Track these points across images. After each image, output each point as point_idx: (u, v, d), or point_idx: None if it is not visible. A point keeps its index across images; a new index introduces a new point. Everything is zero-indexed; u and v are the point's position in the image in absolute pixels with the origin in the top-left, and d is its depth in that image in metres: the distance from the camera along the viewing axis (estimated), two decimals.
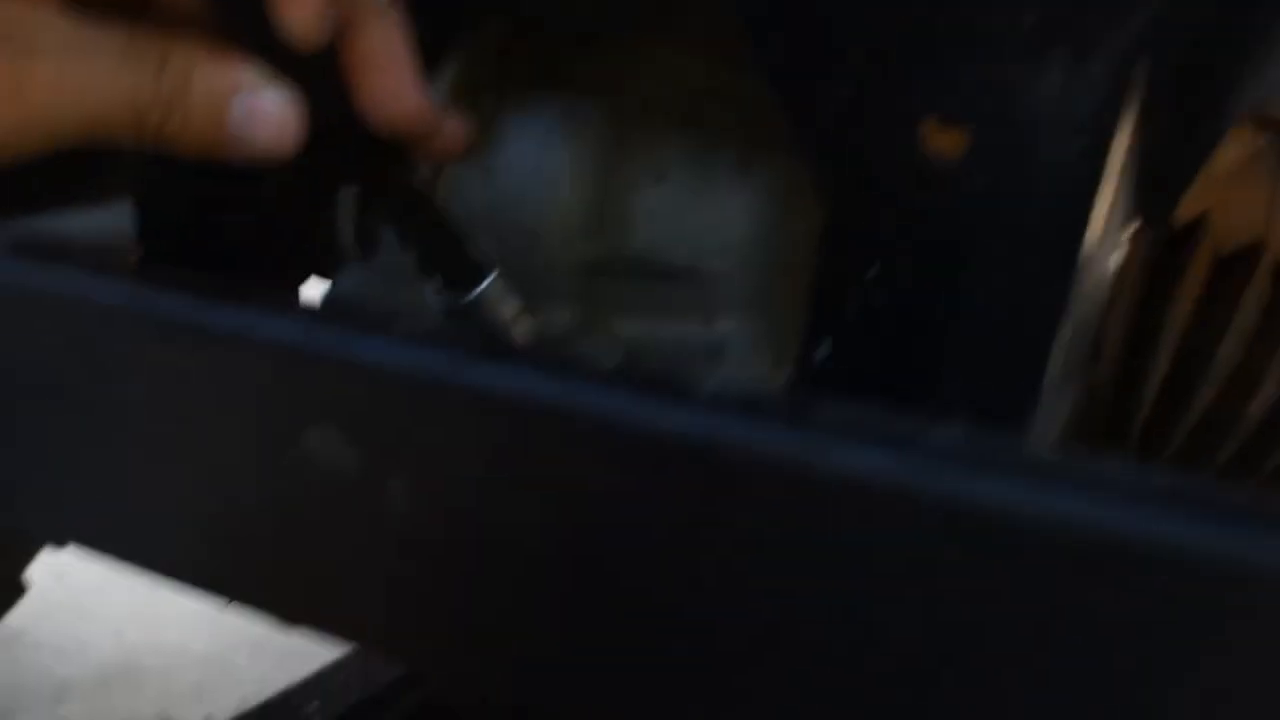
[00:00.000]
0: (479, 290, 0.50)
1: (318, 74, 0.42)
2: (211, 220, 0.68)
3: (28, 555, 1.35)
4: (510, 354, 0.35)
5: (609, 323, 0.61)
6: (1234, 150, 0.60)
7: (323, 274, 0.76)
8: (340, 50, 0.43)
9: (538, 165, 0.60)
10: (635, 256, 0.60)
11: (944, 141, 0.48)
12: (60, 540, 0.49)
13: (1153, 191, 0.49)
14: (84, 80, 0.37)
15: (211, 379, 0.39)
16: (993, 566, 0.28)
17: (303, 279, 0.74)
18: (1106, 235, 0.48)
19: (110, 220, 0.89)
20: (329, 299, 0.62)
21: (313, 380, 0.37)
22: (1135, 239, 0.51)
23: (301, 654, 1.00)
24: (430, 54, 0.62)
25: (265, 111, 0.40)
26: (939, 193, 0.47)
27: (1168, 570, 0.25)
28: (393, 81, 0.44)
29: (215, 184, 0.64)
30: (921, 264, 0.48)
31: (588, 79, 0.61)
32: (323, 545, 0.40)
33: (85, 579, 1.56)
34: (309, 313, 0.37)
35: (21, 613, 1.23)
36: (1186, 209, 0.60)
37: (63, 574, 1.41)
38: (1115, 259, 0.50)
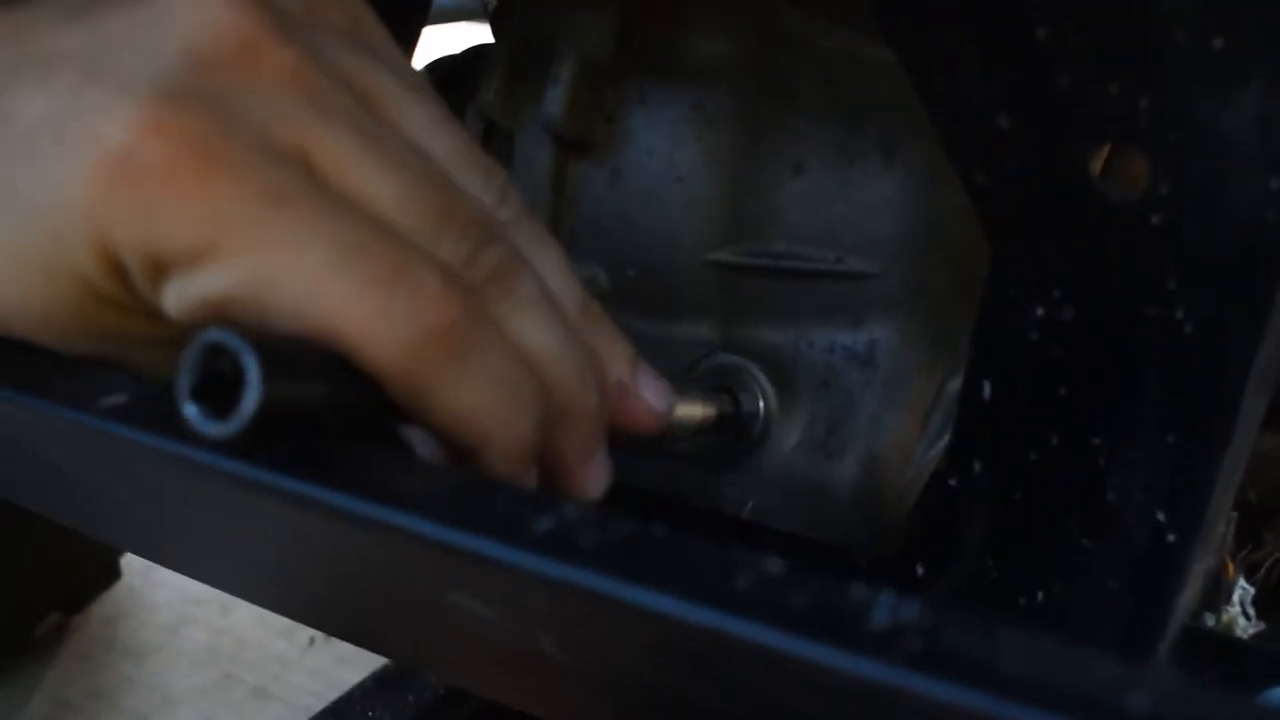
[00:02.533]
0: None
1: None
2: None
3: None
4: (664, 579, 0.33)
5: (753, 329, 0.58)
6: None
7: None
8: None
9: (668, 163, 0.56)
10: (776, 256, 0.56)
11: (1121, 173, 0.43)
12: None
13: None
14: None
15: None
16: None
17: None
18: None
19: None
20: None
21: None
22: None
23: None
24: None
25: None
26: (1116, 226, 0.42)
27: None
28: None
29: None
30: (1095, 305, 0.44)
31: (716, 61, 0.55)
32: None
33: None
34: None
35: None
36: None
37: None
38: None
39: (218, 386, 0.27)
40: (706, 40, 0.56)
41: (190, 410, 0.27)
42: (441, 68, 0.70)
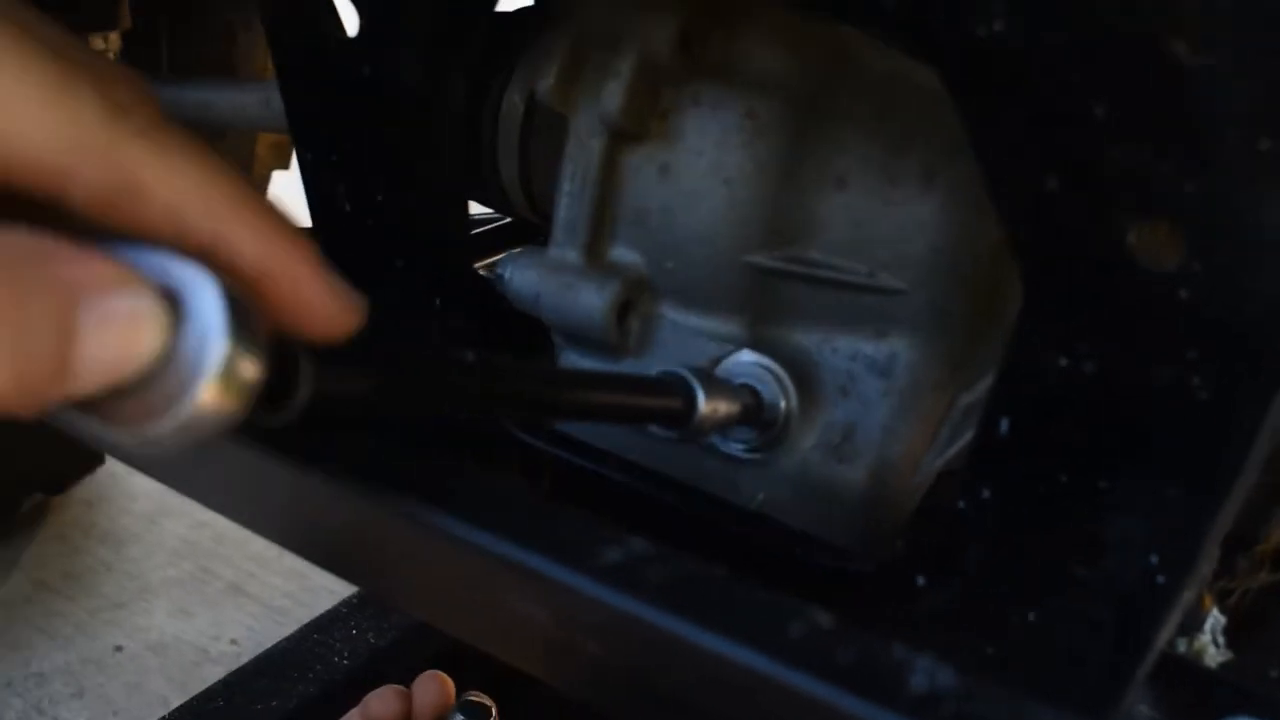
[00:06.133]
0: (696, 416, 0.51)
1: None
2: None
3: None
4: (721, 621, 0.36)
5: (782, 330, 0.61)
6: None
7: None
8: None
9: (716, 164, 0.58)
10: (811, 264, 0.58)
11: (1157, 247, 0.45)
12: None
13: None
14: None
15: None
16: None
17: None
18: None
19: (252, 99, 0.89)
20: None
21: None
22: None
23: None
24: None
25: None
26: (1146, 295, 0.45)
27: None
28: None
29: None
30: (1116, 363, 0.47)
31: (772, 72, 0.57)
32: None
33: None
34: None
35: None
36: None
37: None
38: None
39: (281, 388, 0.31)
40: (765, 51, 0.57)
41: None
42: (498, 26, 0.71)
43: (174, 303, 0.28)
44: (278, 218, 0.32)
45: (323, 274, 0.34)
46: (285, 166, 1.46)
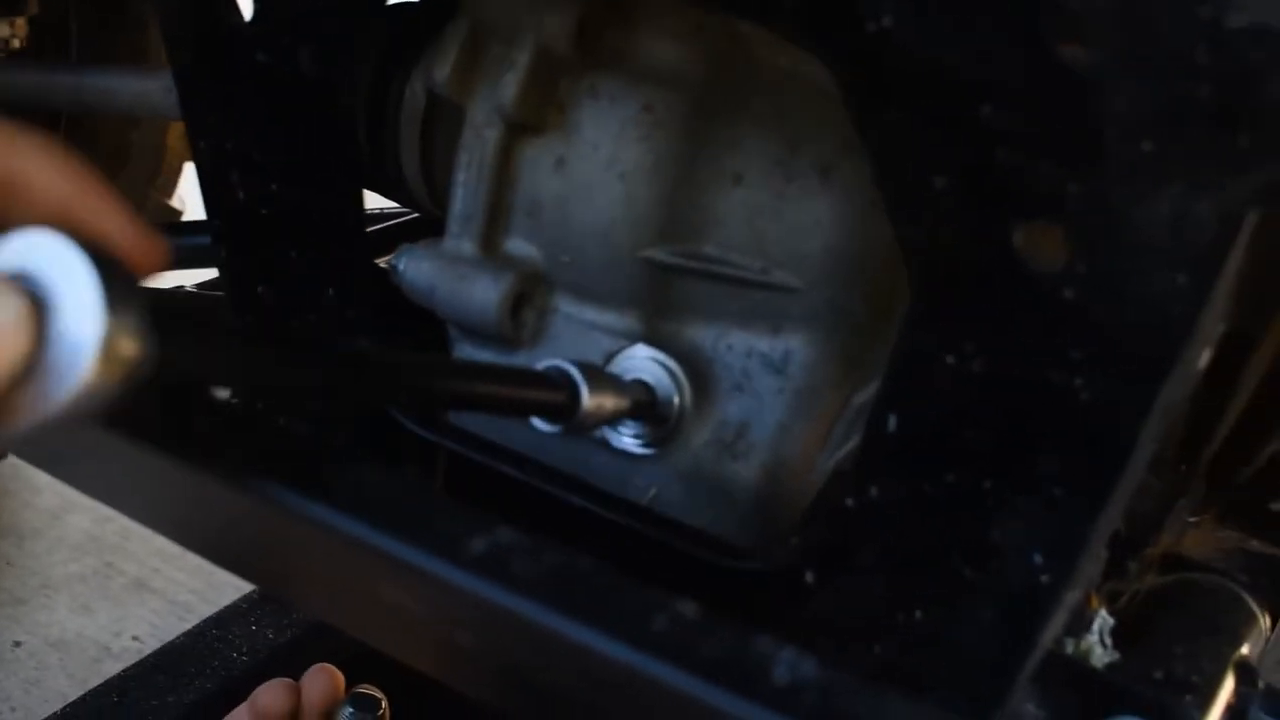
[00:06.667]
0: (581, 410, 0.50)
1: None
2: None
3: None
4: (586, 612, 0.36)
5: (677, 325, 0.60)
6: None
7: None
8: None
9: (612, 158, 0.58)
10: (707, 260, 0.58)
11: (1042, 247, 0.45)
12: None
13: (1252, 311, 0.47)
14: None
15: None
16: None
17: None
18: (1201, 344, 0.46)
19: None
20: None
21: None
22: None
23: None
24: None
25: None
26: (1032, 295, 0.45)
27: None
28: None
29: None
30: (1003, 362, 0.47)
31: (670, 67, 0.57)
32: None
33: None
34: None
35: None
36: None
37: None
38: (1205, 358, 0.48)
39: None
40: (662, 45, 0.57)
41: None
42: (401, 18, 0.70)
43: (36, 291, 0.27)
44: (69, 156, 0.31)
45: (124, 209, 0.32)
46: None
